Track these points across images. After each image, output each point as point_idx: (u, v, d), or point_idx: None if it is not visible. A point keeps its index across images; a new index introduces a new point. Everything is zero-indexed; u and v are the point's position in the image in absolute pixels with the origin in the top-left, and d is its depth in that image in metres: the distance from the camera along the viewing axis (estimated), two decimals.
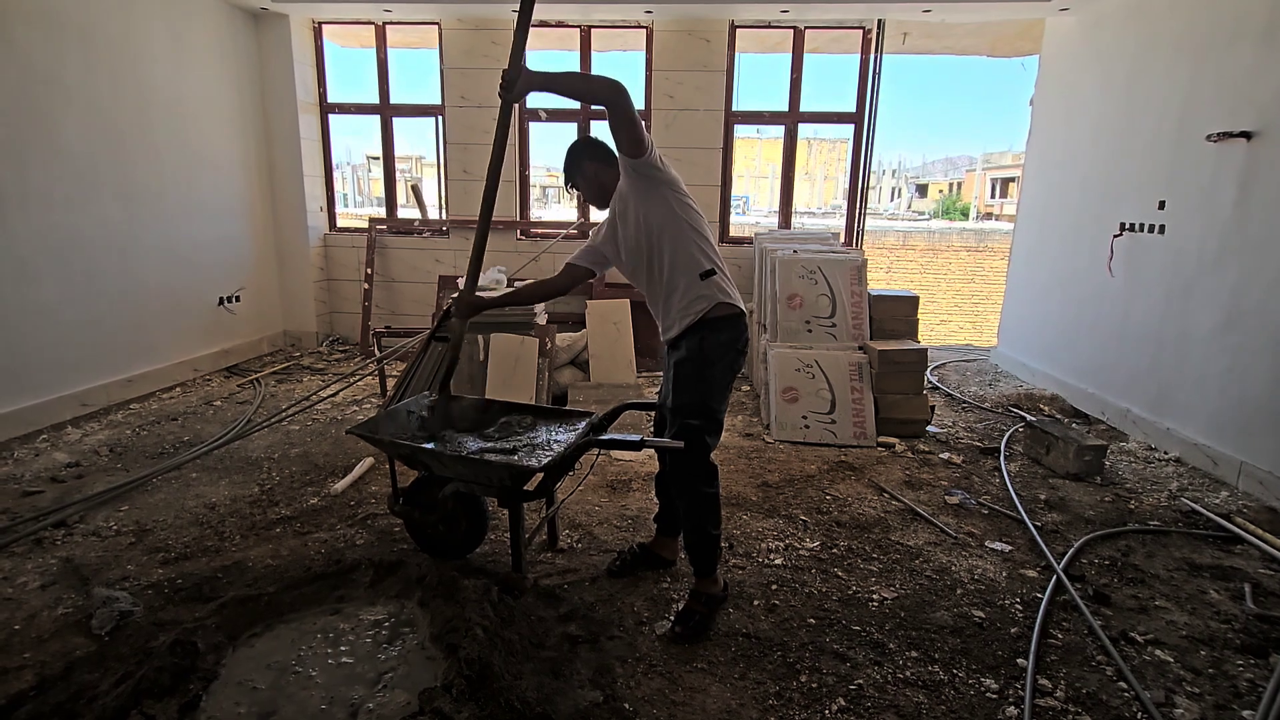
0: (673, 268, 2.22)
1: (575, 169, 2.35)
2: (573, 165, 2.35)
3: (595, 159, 2.33)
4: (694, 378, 2.19)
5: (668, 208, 2.19)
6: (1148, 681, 2.06)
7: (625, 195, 2.24)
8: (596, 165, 2.33)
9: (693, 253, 2.21)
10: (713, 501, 2.25)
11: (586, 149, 2.35)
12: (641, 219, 2.22)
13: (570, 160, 2.36)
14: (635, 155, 2.10)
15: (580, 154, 2.34)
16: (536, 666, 2.02)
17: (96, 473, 3.42)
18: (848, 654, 2.15)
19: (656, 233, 2.21)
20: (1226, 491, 3.48)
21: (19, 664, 2.04)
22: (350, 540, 2.80)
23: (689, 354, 2.20)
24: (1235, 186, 3.58)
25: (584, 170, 2.34)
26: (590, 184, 2.36)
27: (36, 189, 3.88)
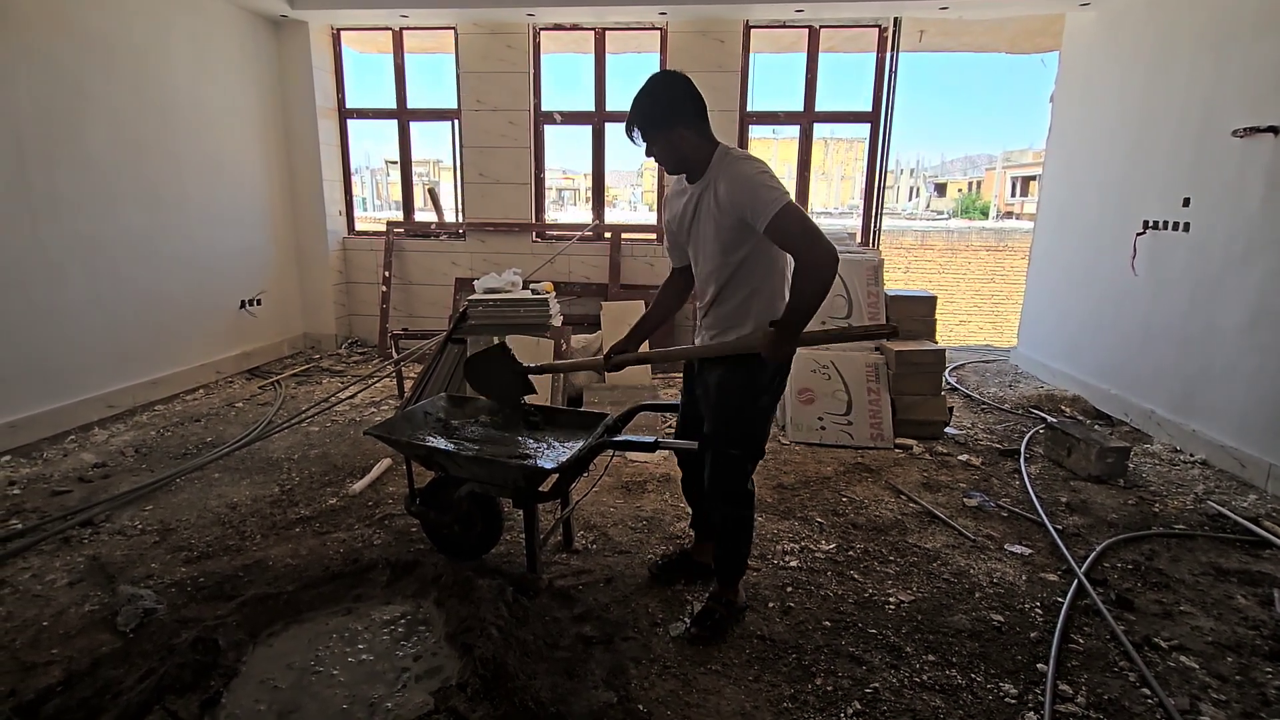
0: (747, 296, 1.98)
1: (662, 126, 1.89)
2: (660, 121, 1.89)
3: (689, 124, 1.90)
4: (742, 408, 2.04)
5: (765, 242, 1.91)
6: (1172, 688, 2.02)
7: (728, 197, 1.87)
8: (690, 132, 1.91)
9: (775, 299, 2.00)
10: (747, 525, 2.17)
11: (679, 107, 1.88)
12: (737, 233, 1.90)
13: (656, 112, 1.89)
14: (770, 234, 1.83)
15: (673, 112, 1.89)
16: (551, 667, 2.03)
17: (122, 473, 3.49)
18: (864, 657, 2.13)
19: (736, 256, 1.93)
20: (1255, 494, 3.40)
21: (47, 659, 2.09)
22: (368, 540, 2.83)
23: (740, 383, 2.02)
24: (1263, 182, 3.50)
25: (674, 135, 1.90)
26: (672, 151, 1.93)
27: (65, 195, 3.98)
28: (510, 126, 6.00)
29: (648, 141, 1.92)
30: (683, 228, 2.07)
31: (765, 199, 1.79)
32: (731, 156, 1.90)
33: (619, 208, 30.02)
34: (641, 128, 1.91)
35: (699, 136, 1.92)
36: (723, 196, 1.87)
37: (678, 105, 1.89)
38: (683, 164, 1.96)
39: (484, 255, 6.20)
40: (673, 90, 1.89)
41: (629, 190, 33.42)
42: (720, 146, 1.94)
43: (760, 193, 1.80)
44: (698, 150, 1.92)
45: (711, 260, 1.99)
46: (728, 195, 1.85)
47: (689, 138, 1.90)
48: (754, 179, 1.82)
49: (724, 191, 1.86)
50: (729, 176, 1.86)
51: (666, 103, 1.88)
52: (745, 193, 1.82)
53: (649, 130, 1.90)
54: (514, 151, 6.05)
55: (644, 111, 1.90)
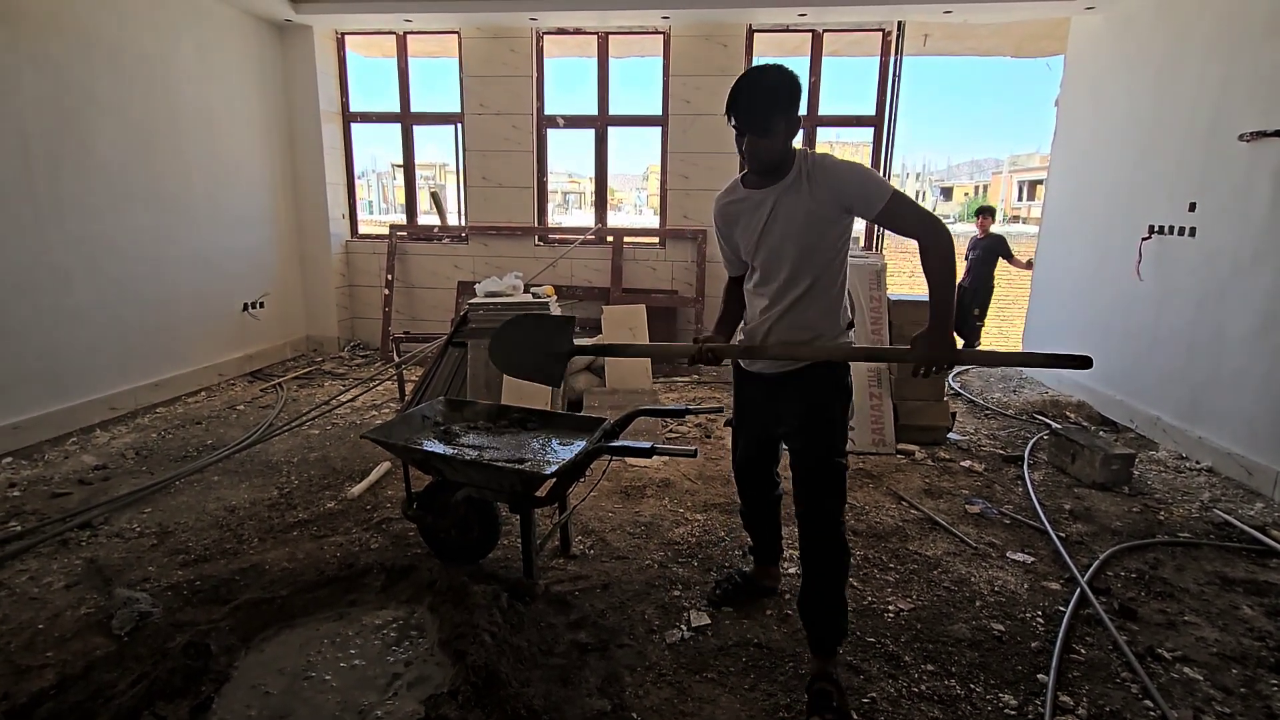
0: (823, 301, 1.92)
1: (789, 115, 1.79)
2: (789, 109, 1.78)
3: (792, 121, 1.81)
4: (838, 414, 1.97)
5: (845, 245, 1.92)
6: (1175, 700, 1.99)
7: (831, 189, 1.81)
8: (789, 125, 1.81)
9: (844, 299, 1.98)
10: (848, 555, 1.96)
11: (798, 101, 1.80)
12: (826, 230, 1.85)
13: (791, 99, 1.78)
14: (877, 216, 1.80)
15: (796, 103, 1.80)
16: (545, 674, 2.01)
17: (122, 475, 3.49)
18: (861, 666, 2.10)
19: (822, 258, 1.88)
20: (1262, 503, 3.36)
21: (41, 662, 2.08)
22: (365, 544, 2.82)
23: (833, 389, 1.96)
24: (1270, 187, 3.46)
25: (793, 128, 1.82)
26: (780, 145, 1.81)
27: (71, 198, 4.00)
28: (513, 130, 6.00)
29: (769, 131, 1.76)
30: (752, 235, 1.93)
31: (875, 186, 1.77)
32: (818, 154, 1.85)
33: (624, 211, 30.06)
34: (771, 115, 1.75)
35: (791, 124, 1.82)
36: (821, 189, 1.80)
37: (796, 91, 1.79)
38: (776, 161, 1.84)
39: (486, 259, 6.20)
40: (796, 82, 1.79)
41: (634, 194, 33.46)
42: (800, 149, 1.88)
43: (869, 181, 1.78)
44: (789, 146, 1.84)
45: (788, 264, 1.89)
46: (830, 188, 1.79)
47: (795, 126, 1.82)
48: (858, 169, 1.80)
49: (823, 184, 1.80)
50: (826, 171, 1.80)
51: (794, 93, 1.77)
52: (852, 183, 1.78)
53: (779, 117, 1.76)
54: (517, 155, 6.05)
55: (779, 97, 1.75)
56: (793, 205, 1.85)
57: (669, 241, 6.03)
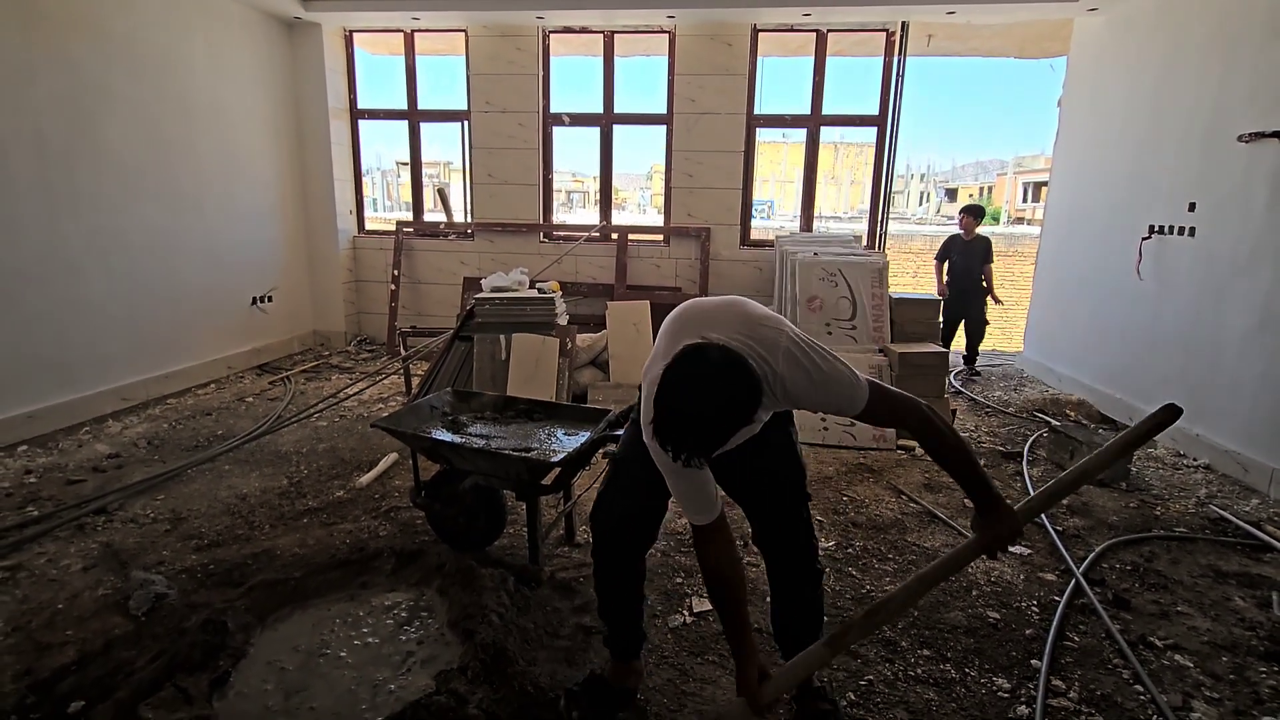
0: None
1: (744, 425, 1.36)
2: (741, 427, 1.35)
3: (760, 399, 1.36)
4: (796, 453, 1.80)
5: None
6: (1165, 685, 2.04)
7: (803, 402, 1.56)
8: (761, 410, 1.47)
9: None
10: (822, 600, 1.86)
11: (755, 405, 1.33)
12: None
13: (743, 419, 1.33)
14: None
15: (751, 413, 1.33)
16: (551, 654, 2.07)
17: (135, 463, 3.56)
18: (859, 651, 2.16)
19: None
20: (1257, 499, 3.40)
21: (62, 640, 2.15)
22: (374, 531, 2.88)
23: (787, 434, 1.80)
24: (1268, 188, 3.50)
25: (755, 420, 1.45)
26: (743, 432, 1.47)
27: (85, 192, 4.07)
28: (519, 128, 6.06)
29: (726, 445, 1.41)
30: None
31: (850, 398, 1.49)
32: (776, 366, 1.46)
33: (627, 210, 30.09)
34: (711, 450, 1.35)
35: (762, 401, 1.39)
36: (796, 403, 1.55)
37: (753, 404, 1.33)
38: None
39: (492, 255, 6.26)
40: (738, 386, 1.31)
41: (638, 193, 33.49)
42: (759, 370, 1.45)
43: (841, 394, 1.49)
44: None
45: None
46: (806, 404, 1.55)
47: (758, 415, 1.45)
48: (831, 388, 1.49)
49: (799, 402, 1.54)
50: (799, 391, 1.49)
51: (741, 409, 1.32)
52: (830, 402, 1.52)
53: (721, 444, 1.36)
54: (522, 153, 6.11)
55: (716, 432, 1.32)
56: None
57: (673, 239, 6.09)
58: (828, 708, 1.82)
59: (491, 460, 2.39)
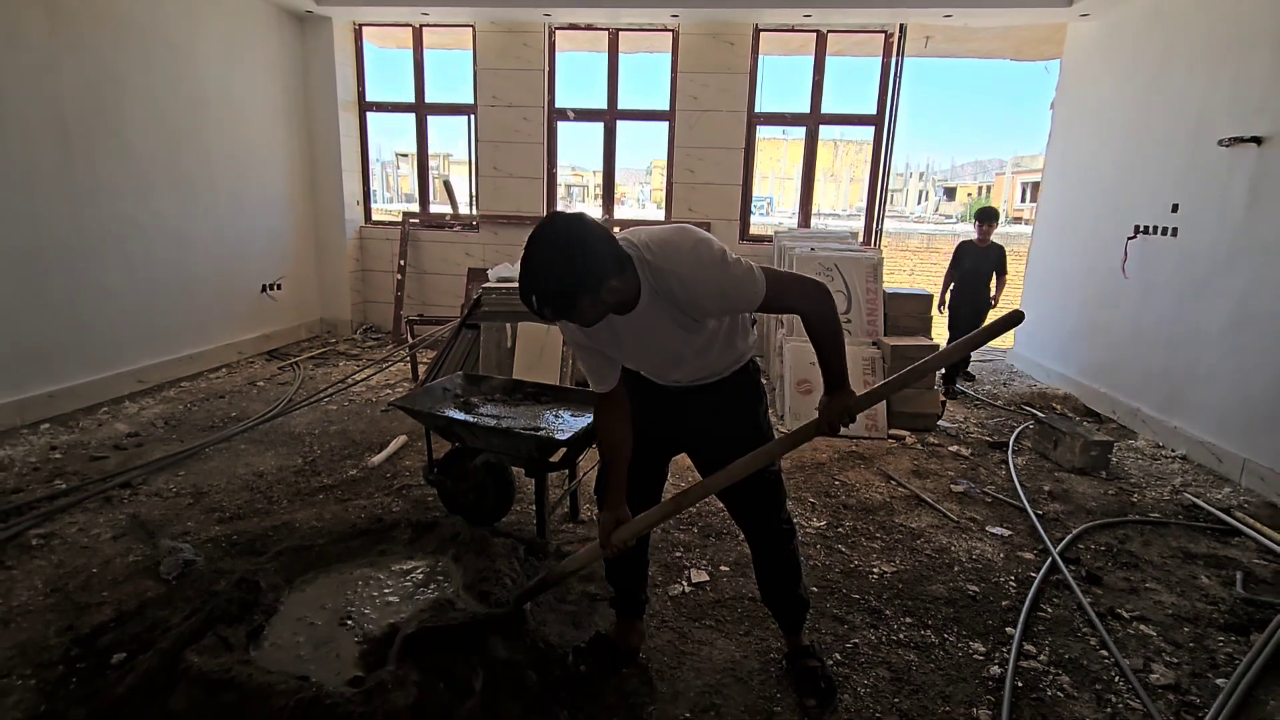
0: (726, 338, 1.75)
1: (589, 291, 1.42)
2: (585, 285, 1.41)
3: (614, 269, 1.45)
4: (763, 417, 1.86)
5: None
6: (1129, 651, 2.19)
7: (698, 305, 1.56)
8: (617, 280, 1.47)
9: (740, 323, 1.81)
10: (798, 555, 1.96)
11: (600, 259, 1.42)
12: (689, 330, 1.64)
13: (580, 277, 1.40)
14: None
15: (596, 267, 1.42)
16: (559, 617, 2.22)
17: (154, 442, 3.69)
18: (846, 617, 2.31)
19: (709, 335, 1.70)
20: (1229, 488, 3.56)
21: (99, 600, 2.29)
22: (387, 507, 3.02)
23: (754, 393, 1.85)
24: (1246, 190, 3.65)
25: (602, 293, 1.45)
26: (600, 308, 1.48)
27: (104, 180, 4.19)
28: (524, 122, 6.18)
29: (570, 316, 1.46)
30: (613, 345, 1.68)
31: (747, 289, 1.54)
32: (665, 264, 1.51)
33: (627, 205, 30.17)
34: (562, 307, 1.43)
35: (624, 274, 1.48)
36: (700, 309, 1.57)
37: (598, 259, 1.42)
38: (612, 310, 1.54)
39: (496, 246, 6.39)
40: (587, 243, 1.41)
41: (638, 188, 33.56)
42: (636, 259, 1.51)
43: (741, 289, 1.54)
44: (626, 287, 1.50)
45: (679, 350, 1.69)
46: (708, 307, 1.57)
47: (618, 285, 1.46)
48: (724, 280, 1.52)
49: (701, 305, 1.56)
50: (693, 290, 1.52)
51: (587, 264, 1.40)
52: (728, 299, 1.56)
53: (575, 302, 1.42)
54: (528, 146, 6.23)
55: (562, 287, 1.40)
56: (659, 319, 1.59)
57: None
58: (815, 664, 1.96)
59: (503, 438, 2.53)
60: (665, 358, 1.72)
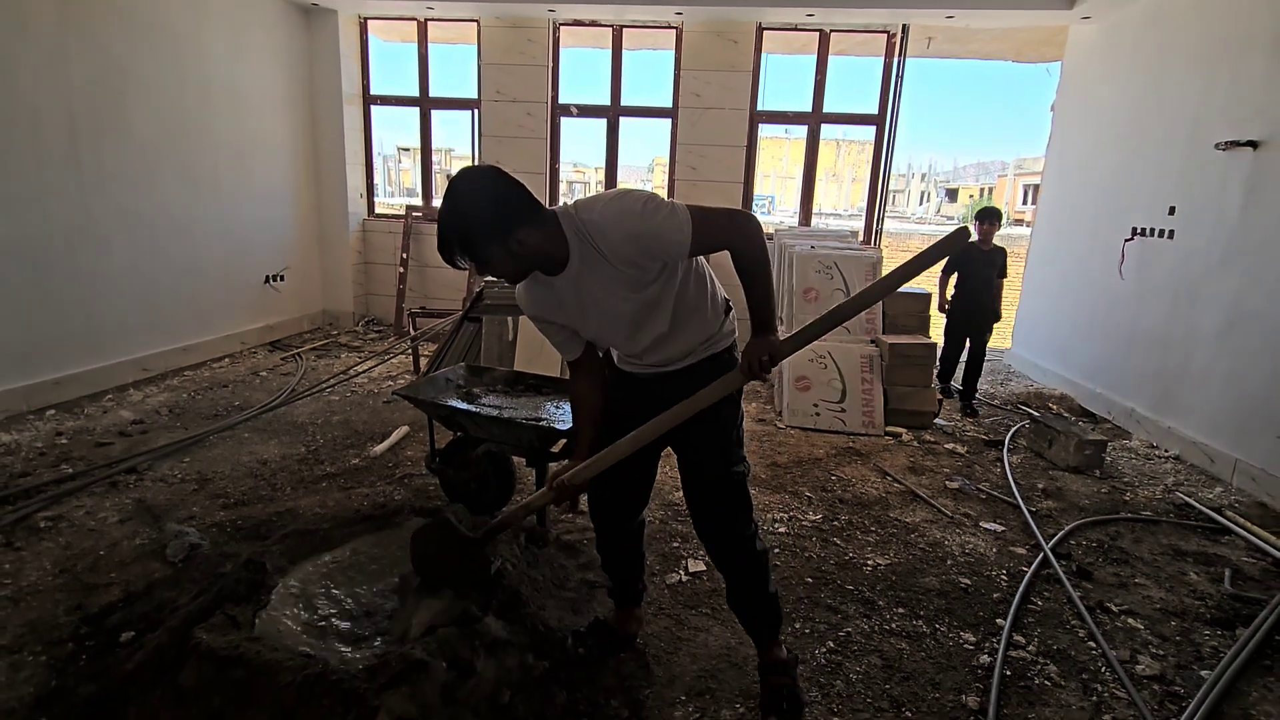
0: (684, 306, 1.70)
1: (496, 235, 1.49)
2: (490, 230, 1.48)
3: (525, 218, 1.50)
4: (733, 417, 1.79)
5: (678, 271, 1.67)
6: (1116, 643, 2.24)
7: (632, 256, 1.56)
8: (530, 229, 1.50)
9: (707, 290, 1.76)
10: (766, 556, 1.87)
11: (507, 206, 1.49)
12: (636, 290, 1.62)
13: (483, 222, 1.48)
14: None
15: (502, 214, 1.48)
16: (558, 603, 2.26)
17: (159, 429, 3.73)
18: (839, 607, 2.35)
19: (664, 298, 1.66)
20: (1221, 487, 3.61)
21: (107, 581, 2.33)
22: (389, 496, 3.07)
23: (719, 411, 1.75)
24: (1242, 193, 3.69)
25: (511, 241, 1.49)
26: (516, 259, 1.54)
27: (111, 169, 4.22)
28: (528, 118, 6.21)
29: (480, 261, 1.51)
30: (578, 319, 1.71)
31: (670, 231, 1.51)
32: (588, 216, 1.53)
33: None
34: (468, 248, 1.49)
35: (541, 226, 1.52)
36: (624, 259, 1.54)
37: (505, 204, 1.49)
38: (533, 265, 1.58)
39: None
40: (494, 188, 1.50)
41: (639, 185, 33.57)
42: (561, 215, 1.56)
43: (662, 231, 1.51)
44: (547, 242, 1.54)
45: (635, 326, 1.68)
46: (630, 254, 1.54)
47: (530, 236, 1.50)
48: (642, 225, 1.50)
49: (623, 254, 1.54)
50: (611, 239, 1.52)
51: (492, 208, 1.47)
52: (648, 241, 1.53)
53: (481, 245, 1.49)
54: (531, 142, 6.27)
55: (468, 228, 1.48)
56: (601, 280, 1.59)
57: None
58: (783, 681, 1.86)
59: (505, 427, 2.57)
60: (615, 321, 1.68)
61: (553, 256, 1.56)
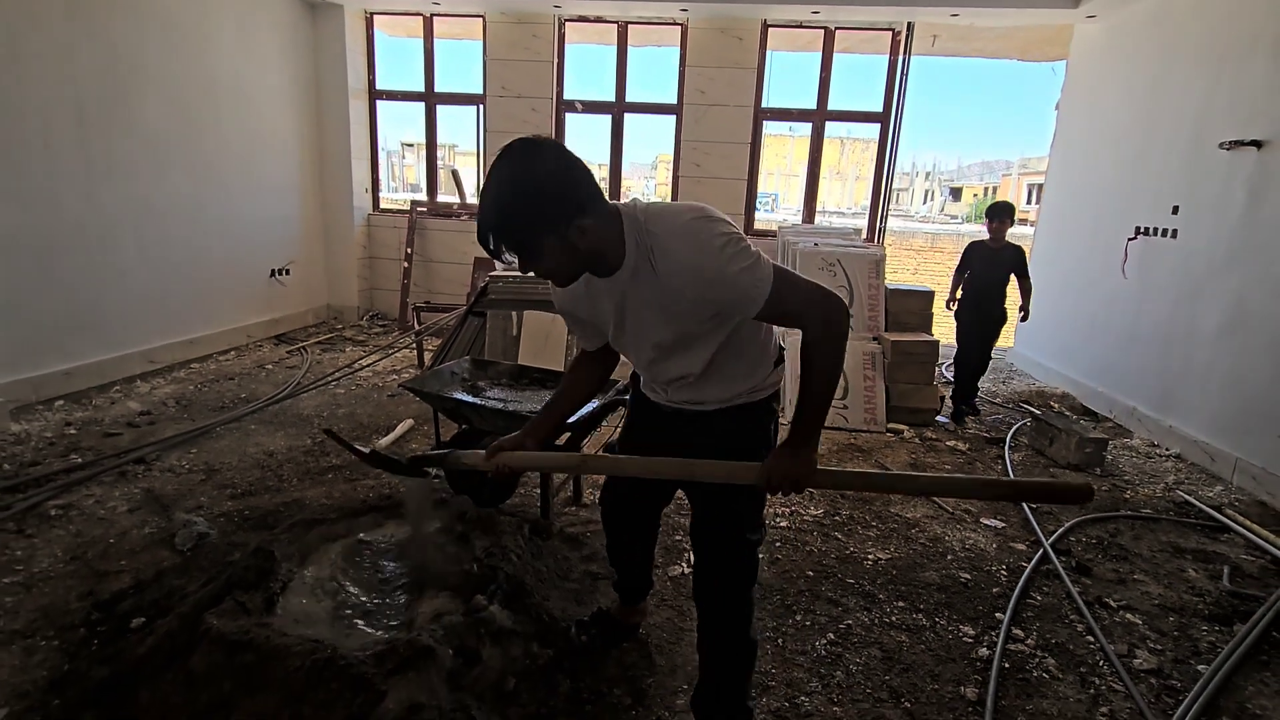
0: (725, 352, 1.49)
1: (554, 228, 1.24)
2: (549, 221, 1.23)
3: (586, 207, 1.25)
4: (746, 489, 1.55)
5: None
6: (1114, 638, 2.26)
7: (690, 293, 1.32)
8: (590, 221, 1.26)
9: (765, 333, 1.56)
10: (753, 650, 1.69)
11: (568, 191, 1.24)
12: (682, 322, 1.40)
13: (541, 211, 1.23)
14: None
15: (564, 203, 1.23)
16: (562, 594, 2.29)
17: (166, 420, 3.77)
18: (840, 600, 2.38)
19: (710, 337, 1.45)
20: (1221, 486, 3.62)
21: (117, 568, 2.37)
22: (395, 488, 3.09)
23: (755, 439, 1.59)
24: (1245, 193, 3.70)
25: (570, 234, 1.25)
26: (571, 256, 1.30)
27: (119, 163, 4.25)
28: (533, 113, 6.23)
29: (531, 253, 1.27)
30: (602, 322, 1.50)
31: (745, 285, 1.28)
32: (655, 228, 1.30)
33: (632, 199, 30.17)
34: (519, 234, 1.24)
35: (603, 219, 1.28)
36: (676, 290, 1.31)
37: (569, 184, 1.24)
38: (588, 264, 1.35)
39: None
40: (556, 164, 1.24)
41: (642, 182, 33.56)
42: (625, 215, 1.33)
43: (736, 282, 1.27)
44: (607, 239, 1.30)
45: (666, 348, 1.46)
46: (686, 290, 1.30)
47: (592, 227, 1.25)
48: (716, 266, 1.26)
49: (676, 285, 1.30)
50: (673, 264, 1.29)
51: (554, 187, 1.22)
52: (716, 288, 1.28)
53: (538, 233, 1.23)
54: None
55: (519, 215, 1.22)
56: (640, 297, 1.37)
57: None
58: None
59: (510, 420, 2.59)
60: (643, 344, 1.47)
61: (607, 258, 1.33)
